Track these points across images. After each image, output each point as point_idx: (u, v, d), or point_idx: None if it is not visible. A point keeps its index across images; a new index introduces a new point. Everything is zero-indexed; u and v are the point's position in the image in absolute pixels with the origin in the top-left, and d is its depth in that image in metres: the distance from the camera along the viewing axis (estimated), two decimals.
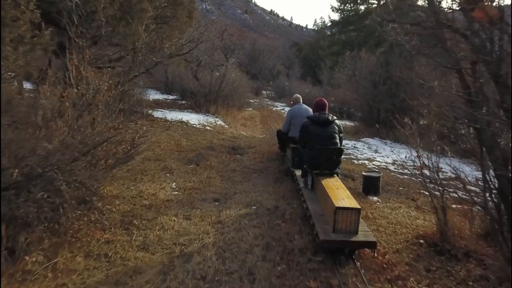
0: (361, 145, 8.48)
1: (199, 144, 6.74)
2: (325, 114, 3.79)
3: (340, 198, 2.95)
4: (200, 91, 10.11)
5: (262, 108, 16.94)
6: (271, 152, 6.61)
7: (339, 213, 2.75)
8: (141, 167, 4.92)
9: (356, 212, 2.77)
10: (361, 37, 31.30)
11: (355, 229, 2.77)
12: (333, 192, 3.10)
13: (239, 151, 6.57)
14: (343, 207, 2.78)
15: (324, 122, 3.70)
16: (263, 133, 9.62)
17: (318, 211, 3.20)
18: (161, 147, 6.17)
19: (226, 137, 7.75)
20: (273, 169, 5.46)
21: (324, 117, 3.73)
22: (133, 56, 5.13)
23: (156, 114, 9.32)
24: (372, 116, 10.55)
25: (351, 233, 2.76)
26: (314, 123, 3.71)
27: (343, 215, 2.76)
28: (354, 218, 2.76)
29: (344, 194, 3.07)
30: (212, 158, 5.76)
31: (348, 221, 2.76)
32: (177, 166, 5.16)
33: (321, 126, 3.69)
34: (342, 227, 2.76)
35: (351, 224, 2.76)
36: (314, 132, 3.66)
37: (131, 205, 3.62)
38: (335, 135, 3.71)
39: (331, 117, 3.76)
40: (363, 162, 6.48)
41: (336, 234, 2.75)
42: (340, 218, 2.76)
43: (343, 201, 2.90)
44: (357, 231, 2.78)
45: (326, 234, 2.76)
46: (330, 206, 2.88)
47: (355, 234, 2.77)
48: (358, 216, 2.78)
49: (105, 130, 3.34)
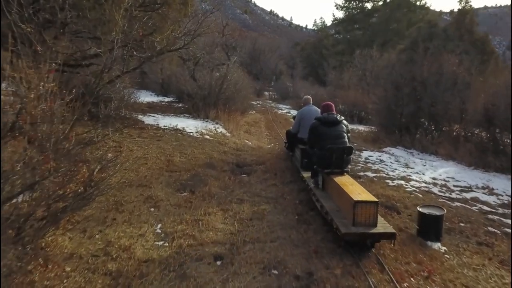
0: (387, 157, 7.22)
1: (196, 160, 5.48)
2: (333, 114, 3.83)
3: (357, 193, 2.98)
4: (198, 93, 8.85)
5: (266, 111, 15.70)
6: (285, 170, 5.35)
7: (358, 206, 2.80)
8: (117, 197, 3.67)
9: (375, 205, 2.84)
10: (367, 35, 30.11)
11: (374, 221, 2.83)
12: (349, 188, 3.14)
13: (245, 169, 5.31)
14: (362, 200, 2.83)
15: (333, 122, 3.75)
16: (271, 141, 8.36)
17: (333, 208, 3.22)
18: (148, 165, 4.91)
19: (228, 149, 6.50)
20: (291, 196, 4.21)
21: (333, 117, 3.78)
22: (107, 51, 3.89)
23: (147, 120, 8.05)
24: (394, 121, 9.29)
25: (370, 226, 2.81)
26: (323, 124, 3.75)
27: (362, 209, 2.81)
28: (373, 211, 2.82)
29: (359, 189, 3.12)
30: (211, 180, 4.50)
31: (367, 214, 2.81)
32: (166, 195, 3.90)
33: (330, 126, 3.73)
34: (361, 220, 2.81)
35: (370, 217, 2.82)
36: (323, 132, 3.70)
37: (88, 273, 2.36)
38: (344, 134, 3.74)
39: (339, 117, 3.81)
40: (399, 184, 5.23)
41: (356, 227, 2.79)
42: (359, 211, 2.80)
43: (360, 195, 2.93)
44: (376, 224, 2.83)
45: (346, 228, 2.79)
46: (348, 201, 2.93)
47: (375, 226, 2.82)
48: (376, 209, 2.85)
49: (42, 163, 2.08)
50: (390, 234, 2.80)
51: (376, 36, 28.18)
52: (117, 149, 5.32)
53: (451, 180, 5.88)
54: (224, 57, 12.82)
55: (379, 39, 26.63)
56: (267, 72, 32.24)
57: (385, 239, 2.88)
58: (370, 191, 4.33)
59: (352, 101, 15.37)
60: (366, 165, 6.26)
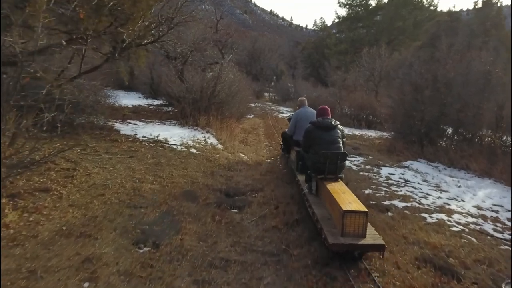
0: (412, 175, 5.95)
1: (173, 186, 4.21)
2: (328, 119, 3.71)
3: (347, 202, 2.85)
4: (186, 97, 7.57)
5: (266, 114, 14.42)
6: (290, 200, 4.09)
7: (347, 216, 2.69)
8: (38, 260, 2.41)
9: (364, 215, 2.70)
10: (372, 34, 28.80)
11: (363, 232, 2.71)
12: (340, 196, 3.01)
13: (237, 199, 4.05)
14: (351, 210, 2.70)
15: (328, 127, 3.63)
16: (271, 154, 7.08)
17: (325, 215, 3.11)
18: (106, 196, 3.65)
19: (217, 168, 5.23)
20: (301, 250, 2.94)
21: (327, 121, 3.66)
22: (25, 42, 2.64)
23: (124, 129, 6.79)
24: (412, 128, 8.02)
25: (359, 236, 2.69)
26: (318, 128, 3.64)
27: (351, 219, 2.70)
28: (362, 221, 2.70)
29: (350, 198, 2.98)
30: (188, 223, 3.24)
31: (356, 224, 2.70)
32: (116, 254, 2.64)
33: (325, 131, 3.61)
34: (350, 231, 2.69)
35: (359, 227, 2.70)
36: (318, 137, 3.58)
37: None
38: (338, 140, 3.62)
39: (334, 121, 3.69)
40: (439, 219, 3.96)
41: (345, 237, 2.68)
42: (348, 221, 2.69)
43: (350, 204, 2.80)
44: (365, 234, 2.71)
45: (334, 238, 2.67)
46: (338, 210, 2.81)
47: (364, 237, 2.70)
48: (366, 219, 2.72)
49: None
50: (379, 245, 2.68)
51: (381, 34, 26.91)
52: (70, 173, 4.07)
53: (500, 210, 4.62)
54: (218, 55, 11.56)
55: (384, 37, 25.35)
56: (267, 72, 30.94)
57: (374, 250, 2.76)
58: (410, 240, 3.11)
59: (359, 104, 14.09)
60: (390, 189, 4.99)
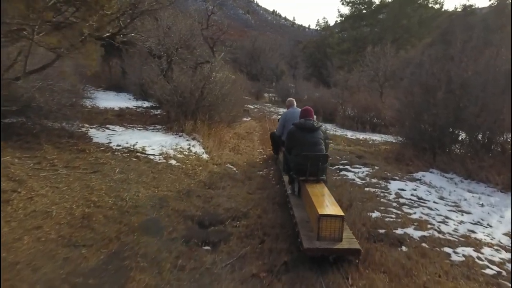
0: (425, 191, 5.13)
1: (135, 211, 3.42)
2: (310, 120, 3.71)
3: (324, 205, 2.84)
4: (170, 100, 6.79)
5: (263, 117, 13.63)
6: (280, 231, 3.29)
7: (323, 220, 2.67)
8: None
9: (340, 219, 2.68)
10: (376, 33, 27.89)
11: (339, 236, 2.68)
12: (318, 199, 3.00)
13: (213, 231, 3.25)
14: (327, 214, 2.68)
15: (310, 129, 3.63)
16: (265, 163, 6.24)
17: (304, 218, 3.09)
18: (43, 229, 2.87)
19: (196, 186, 4.44)
20: None
21: (310, 123, 3.66)
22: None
23: (98, 136, 6.01)
24: (423, 134, 7.19)
25: (335, 241, 2.67)
26: (300, 129, 3.64)
27: (327, 223, 2.67)
28: (338, 225, 2.67)
29: (328, 201, 2.97)
30: (139, 271, 2.45)
31: (332, 228, 2.67)
32: None
33: (307, 132, 3.62)
34: (326, 235, 2.67)
35: (335, 231, 2.68)
36: (300, 138, 3.60)
37: None
38: (320, 141, 3.64)
39: (316, 123, 3.69)
40: (467, 256, 3.14)
41: (320, 241, 2.66)
42: (324, 225, 2.66)
43: (327, 208, 2.79)
44: (341, 238, 2.69)
45: (310, 242, 2.65)
46: (314, 214, 2.80)
47: (339, 241, 2.68)
48: (342, 223, 2.69)
49: None
50: (354, 250, 2.60)
51: (385, 33, 26.04)
52: (7, 196, 3.30)
53: None
54: (209, 53, 10.78)
55: (389, 36, 24.47)
56: (267, 72, 30.12)
57: (350, 255, 2.66)
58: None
59: (363, 105, 13.27)
60: (401, 210, 4.17)
